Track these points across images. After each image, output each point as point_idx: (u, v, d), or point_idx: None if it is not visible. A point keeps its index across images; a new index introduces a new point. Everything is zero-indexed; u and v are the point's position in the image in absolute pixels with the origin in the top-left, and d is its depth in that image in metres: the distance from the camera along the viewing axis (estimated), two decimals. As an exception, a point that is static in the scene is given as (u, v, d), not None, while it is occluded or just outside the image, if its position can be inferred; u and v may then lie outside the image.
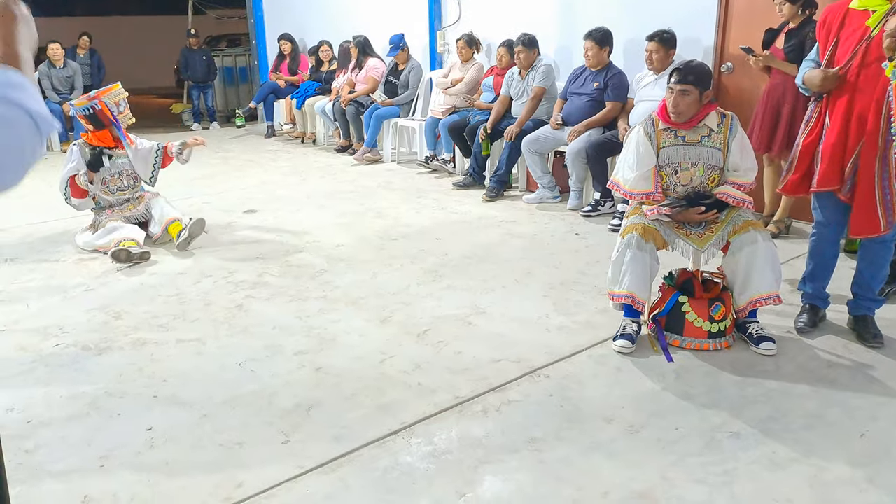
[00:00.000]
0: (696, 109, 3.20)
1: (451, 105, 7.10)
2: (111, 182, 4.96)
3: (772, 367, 3.04)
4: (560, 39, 6.56)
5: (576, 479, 2.31)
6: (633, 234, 3.20)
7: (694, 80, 3.15)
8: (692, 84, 3.15)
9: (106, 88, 4.93)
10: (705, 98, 3.20)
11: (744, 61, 4.80)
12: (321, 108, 8.71)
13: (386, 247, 4.80)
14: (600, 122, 5.61)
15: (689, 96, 3.16)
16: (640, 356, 3.15)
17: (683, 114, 3.20)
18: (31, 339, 3.45)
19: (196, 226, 4.77)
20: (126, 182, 5.03)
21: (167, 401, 2.86)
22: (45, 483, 2.35)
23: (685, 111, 3.19)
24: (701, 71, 3.19)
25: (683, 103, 3.17)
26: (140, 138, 5.16)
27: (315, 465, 2.41)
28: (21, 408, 2.82)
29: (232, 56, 12.54)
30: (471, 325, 3.52)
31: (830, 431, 2.56)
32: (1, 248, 4.95)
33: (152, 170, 5.09)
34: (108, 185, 4.96)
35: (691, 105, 3.18)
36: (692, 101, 3.17)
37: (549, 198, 5.92)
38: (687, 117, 3.20)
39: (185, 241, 4.68)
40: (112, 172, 4.95)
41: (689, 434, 2.54)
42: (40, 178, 7.34)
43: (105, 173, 4.91)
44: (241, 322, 3.60)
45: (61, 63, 9.13)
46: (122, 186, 5.02)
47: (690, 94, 3.16)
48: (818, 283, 3.37)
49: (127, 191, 5.04)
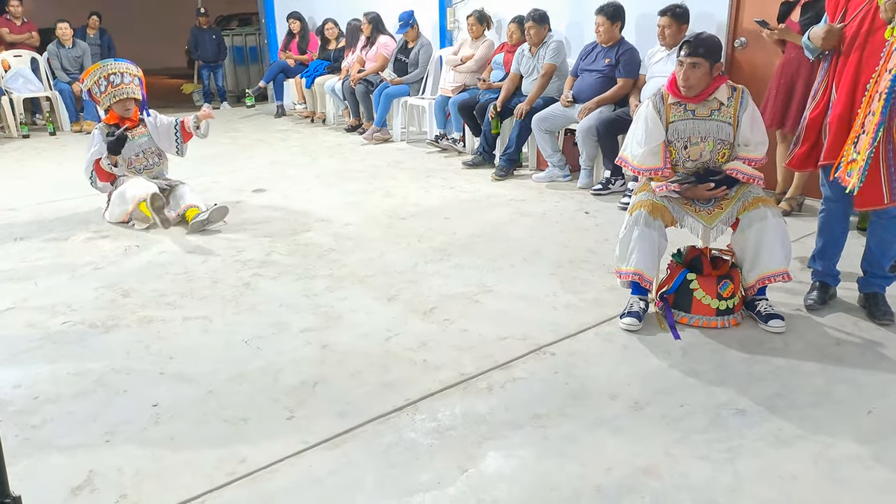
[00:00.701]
0: (706, 83, 3.14)
1: (462, 83, 7.04)
2: (136, 162, 4.98)
3: (780, 344, 3.01)
4: (571, 15, 6.48)
5: (579, 456, 2.30)
6: (641, 210, 3.17)
7: (704, 53, 3.09)
8: (703, 56, 3.09)
9: (85, 71, 4.97)
10: (716, 71, 3.14)
11: (758, 36, 4.71)
12: (331, 87, 8.67)
13: (394, 226, 4.79)
14: (611, 98, 5.55)
15: (699, 69, 3.11)
16: (647, 334, 3.13)
17: (694, 87, 3.14)
18: (40, 317, 3.47)
19: (217, 212, 4.72)
20: (151, 160, 5.05)
21: (173, 377, 2.87)
22: (52, 457, 2.37)
23: (696, 84, 3.14)
24: (711, 43, 3.13)
25: (694, 76, 3.12)
26: (159, 115, 5.15)
27: (319, 440, 2.41)
28: (28, 384, 2.84)
29: (242, 35, 12.50)
30: (477, 303, 3.51)
31: (838, 408, 2.53)
32: (11, 226, 4.97)
33: (176, 143, 5.08)
34: (134, 164, 4.97)
35: (702, 78, 3.13)
36: (703, 74, 3.12)
37: (559, 176, 5.88)
38: (697, 91, 3.15)
39: (199, 223, 4.66)
40: (136, 152, 4.96)
41: (695, 411, 2.53)
42: (50, 158, 7.42)
43: (129, 153, 4.91)
44: (248, 300, 3.61)
45: (70, 43, 9.13)
46: (148, 165, 5.04)
47: (701, 66, 3.11)
48: (828, 260, 3.33)
49: (153, 168, 5.06)
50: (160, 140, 5.06)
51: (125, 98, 4.88)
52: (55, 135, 8.83)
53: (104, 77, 4.85)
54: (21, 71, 9.01)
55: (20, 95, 8.85)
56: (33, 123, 9.42)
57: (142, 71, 5.10)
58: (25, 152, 7.82)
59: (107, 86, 4.85)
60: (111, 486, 2.21)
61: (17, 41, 9.36)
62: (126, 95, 4.89)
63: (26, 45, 9.40)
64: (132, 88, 4.93)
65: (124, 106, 4.89)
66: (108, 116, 4.94)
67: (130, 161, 4.95)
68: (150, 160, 5.04)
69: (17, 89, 8.87)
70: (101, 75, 4.86)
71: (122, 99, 4.87)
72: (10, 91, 8.78)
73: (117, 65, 4.95)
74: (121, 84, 4.87)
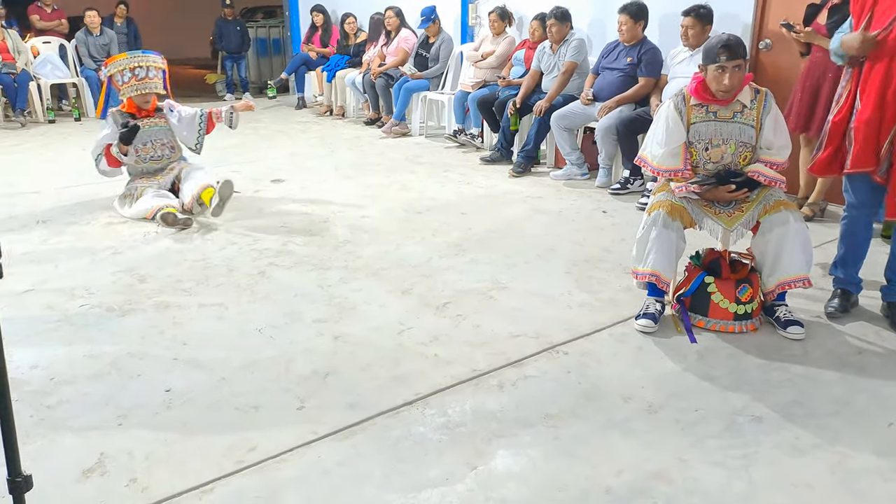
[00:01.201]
0: (741, 83, 3.10)
1: (481, 79, 7.02)
2: (143, 151, 4.90)
3: (799, 351, 2.97)
4: (594, 13, 6.43)
5: (590, 457, 2.28)
6: (659, 211, 3.13)
7: (743, 53, 3.06)
8: (742, 58, 3.06)
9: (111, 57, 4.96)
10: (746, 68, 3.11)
11: (783, 38, 4.65)
12: (351, 80, 8.67)
13: (410, 219, 4.77)
14: (632, 98, 5.50)
15: (740, 71, 3.06)
16: (663, 336, 3.09)
17: (732, 90, 3.10)
18: (58, 299, 3.50)
19: (225, 188, 4.69)
20: (160, 151, 4.98)
21: (187, 363, 2.88)
22: (65, 438, 2.39)
23: (733, 88, 3.09)
24: (741, 43, 3.09)
25: (735, 78, 3.06)
26: (182, 106, 5.13)
27: (329, 431, 2.41)
28: (45, 365, 2.87)
29: (266, 27, 12.52)
30: (491, 299, 3.49)
31: (857, 419, 2.49)
32: (34, 210, 5.03)
33: (197, 136, 5.05)
34: (140, 153, 4.90)
35: (741, 80, 3.09)
36: (741, 78, 3.08)
37: (577, 174, 5.84)
38: (734, 92, 3.11)
39: (218, 207, 4.65)
40: (145, 141, 4.89)
41: (709, 416, 2.49)
42: (75, 143, 7.48)
43: (138, 142, 4.86)
44: (263, 289, 3.61)
45: (98, 30, 9.23)
46: (156, 156, 4.96)
47: (742, 68, 3.07)
48: (850, 267, 3.27)
49: (161, 160, 4.99)
50: (181, 131, 5.03)
51: (146, 92, 4.89)
52: (80, 120, 8.92)
53: (129, 69, 4.84)
54: (49, 57, 9.13)
55: (48, 81, 8.96)
56: (59, 109, 9.52)
57: (167, 63, 5.10)
58: (51, 137, 7.91)
59: (130, 77, 4.84)
60: (121, 470, 2.22)
61: (46, 28, 9.48)
62: (148, 90, 4.89)
63: (55, 31, 9.52)
64: (156, 83, 4.92)
65: (144, 98, 4.89)
66: (125, 104, 4.94)
67: (138, 149, 4.89)
68: (158, 151, 4.97)
69: (44, 75, 8.98)
70: (126, 66, 4.85)
71: (143, 92, 4.88)
72: (39, 77, 8.90)
73: (144, 57, 4.93)
74: (145, 78, 4.86)
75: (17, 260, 4.01)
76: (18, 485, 1.65)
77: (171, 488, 2.14)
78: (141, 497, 2.11)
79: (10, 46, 8.54)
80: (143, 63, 4.87)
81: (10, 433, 1.63)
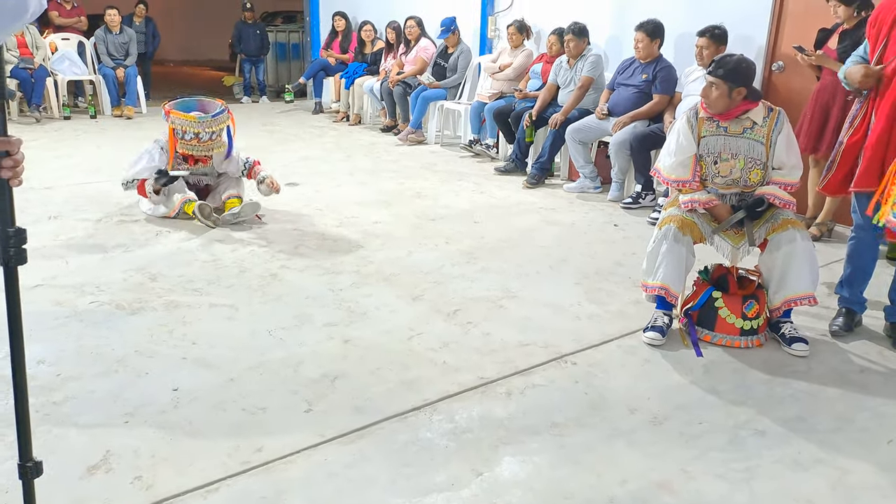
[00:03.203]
0: (724, 103, 3.12)
1: (498, 90, 7.06)
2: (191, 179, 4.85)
3: (803, 368, 2.98)
4: (611, 29, 6.46)
5: (595, 466, 2.30)
6: (670, 225, 3.15)
7: (722, 75, 3.08)
8: (720, 78, 3.08)
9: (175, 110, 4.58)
10: (737, 95, 3.10)
11: (795, 61, 4.68)
12: (369, 87, 8.73)
13: (423, 226, 4.81)
14: (646, 114, 5.53)
15: (716, 89, 3.10)
16: (670, 349, 3.11)
17: (713, 105, 3.15)
18: (68, 295, 3.53)
19: (249, 208, 4.68)
20: (207, 180, 4.96)
21: (195, 363, 2.91)
22: (70, 434, 2.40)
23: (713, 104, 3.14)
24: (733, 66, 3.09)
25: (711, 95, 3.12)
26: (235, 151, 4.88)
27: (336, 434, 2.43)
28: (52, 360, 2.88)
29: (285, 32, 12.63)
30: (501, 307, 3.51)
31: (858, 436, 2.50)
32: (46, 205, 5.06)
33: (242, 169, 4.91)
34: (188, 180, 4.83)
35: (719, 98, 3.11)
36: (720, 95, 3.10)
37: (590, 188, 5.86)
38: (718, 109, 3.14)
39: (232, 216, 4.65)
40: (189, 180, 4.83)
41: (713, 429, 2.51)
42: (90, 141, 7.56)
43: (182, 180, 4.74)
44: (274, 291, 3.64)
45: (118, 29, 9.30)
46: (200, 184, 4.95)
47: (718, 87, 3.10)
48: (855, 287, 3.29)
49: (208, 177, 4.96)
50: (228, 167, 4.87)
51: (208, 155, 4.71)
52: (96, 118, 8.99)
53: (194, 132, 4.54)
54: (67, 54, 9.21)
55: (65, 77, 9.03)
56: (75, 105, 9.60)
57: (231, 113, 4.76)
58: (65, 133, 7.98)
59: (193, 138, 4.56)
60: (127, 467, 2.24)
61: (65, 24, 9.57)
62: (210, 153, 4.71)
63: (74, 28, 9.61)
64: (219, 142, 4.67)
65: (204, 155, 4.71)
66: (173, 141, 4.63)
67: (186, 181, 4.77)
68: (203, 180, 4.94)
69: (62, 71, 9.04)
70: (191, 129, 4.54)
71: (204, 154, 4.68)
72: (56, 73, 8.97)
73: (213, 122, 4.57)
74: (209, 141, 4.60)
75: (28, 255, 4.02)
76: (29, 469, 1.65)
77: (177, 487, 2.15)
78: (145, 495, 2.12)
79: (28, 42, 8.61)
80: (211, 129, 4.57)
81: (24, 418, 1.64)
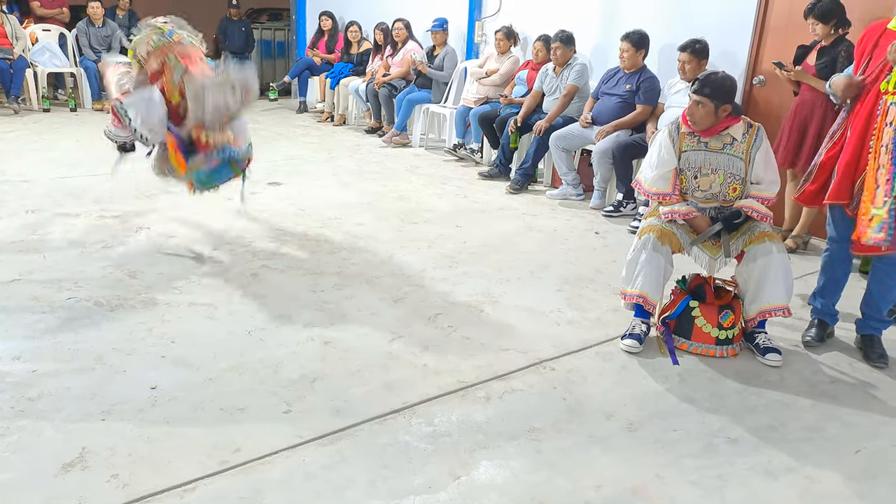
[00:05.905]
0: (710, 120, 3.18)
1: (484, 95, 7.09)
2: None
3: (776, 377, 3.03)
4: (597, 38, 6.51)
5: (571, 471, 2.32)
6: (650, 235, 3.19)
7: (709, 94, 3.14)
8: (706, 97, 3.14)
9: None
10: (722, 112, 3.16)
11: (775, 76, 4.77)
12: (355, 87, 8.73)
13: (406, 229, 4.82)
14: (629, 124, 5.58)
15: (703, 108, 3.16)
16: (647, 357, 3.15)
17: (698, 123, 3.21)
18: (45, 291, 3.49)
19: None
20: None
21: (174, 362, 2.90)
22: (46, 431, 2.39)
23: (699, 122, 3.20)
24: (719, 84, 3.15)
25: (698, 114, 3.18)
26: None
27: (314, 436, 2.44)
28: (28, 357, 2.86)
29: (271, 30, 12.56)
30: (482, 312, 3.53)
31: (827, 445, 2.55)
32: (24, 198, 5.02)
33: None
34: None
35: (705, 116, 3.17)
36: (706, 113, 3.16)
37: (572, 195, 5.91)
38: (703, 126, 3.20)
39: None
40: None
41: (687, 436, 2.55)
42: (69, 134, 7.49)
43: None
44: (254, 290, 3.64)
45: (100, 22, 9.20)
46: None
47: (705, 105, 3.15)
48: (828, 299, 3.36)
49: None
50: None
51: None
52: (76, 111, 8.92)
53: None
54: (48, 45, 9.11)
55: (45, 69, 8.94)
56: (55, 98, 9.50)
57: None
58: (44, 125, 7.90)
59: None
60: (103, 465, 2.23)
61: (47, 15, 9.45)
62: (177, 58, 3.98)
63: (56, 20, 9.50)
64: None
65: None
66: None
67: None
68: None
69: (42, 63, 8.95)
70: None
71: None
72: (36, 64, 8.87)
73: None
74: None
75: (5, 248, 4.01)
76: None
77: (153, 486, 2.15)
78: (121, 493, 2.12)
79: (8, 32, 8.51)
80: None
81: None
